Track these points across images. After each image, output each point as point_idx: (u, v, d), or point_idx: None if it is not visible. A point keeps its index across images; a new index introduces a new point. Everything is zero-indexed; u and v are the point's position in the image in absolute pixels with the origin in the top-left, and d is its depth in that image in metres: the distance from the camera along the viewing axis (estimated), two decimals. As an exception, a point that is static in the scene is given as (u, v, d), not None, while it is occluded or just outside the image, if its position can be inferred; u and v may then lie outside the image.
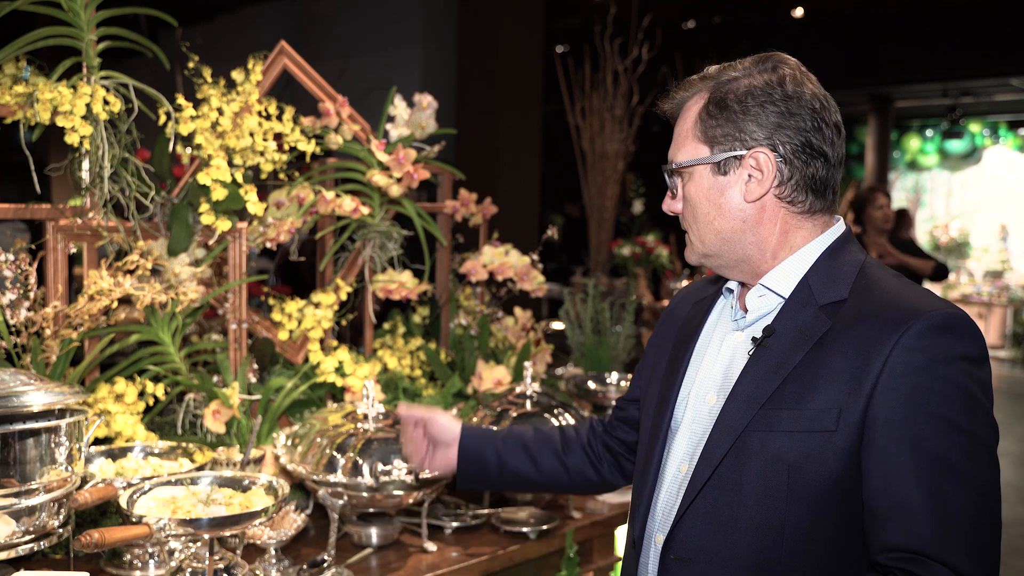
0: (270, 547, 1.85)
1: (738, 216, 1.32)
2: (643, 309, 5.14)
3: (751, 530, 1.24)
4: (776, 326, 1.29)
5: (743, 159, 1.30)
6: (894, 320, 1.19)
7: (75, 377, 1.98)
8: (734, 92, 1.31)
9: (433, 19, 8.32)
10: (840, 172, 1.35)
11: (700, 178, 1.35)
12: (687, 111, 1.37)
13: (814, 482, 1.20)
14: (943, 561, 1.11)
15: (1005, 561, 4.71)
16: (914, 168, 14.80)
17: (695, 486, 1.30)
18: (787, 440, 1.22)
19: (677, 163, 1.37)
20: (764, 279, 1.34)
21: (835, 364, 1.21)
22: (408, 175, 2.47)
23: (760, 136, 1.29)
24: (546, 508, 2.29)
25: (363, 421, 2.02)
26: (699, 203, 1.35)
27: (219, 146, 2.19)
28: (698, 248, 1.39)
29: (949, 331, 1.17)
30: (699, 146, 1.34)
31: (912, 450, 1.15)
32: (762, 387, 1.26)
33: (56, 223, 2.08)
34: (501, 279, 2.79)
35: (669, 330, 1.54)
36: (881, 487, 1.17)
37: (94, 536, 1.43)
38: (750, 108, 1.29)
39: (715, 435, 1.29)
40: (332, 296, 2.42)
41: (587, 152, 6.35)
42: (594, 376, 2.98)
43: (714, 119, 1.32)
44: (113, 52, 2.20)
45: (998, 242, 13.83)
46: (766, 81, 1.29)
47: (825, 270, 1.30)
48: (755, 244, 1.33)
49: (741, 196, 1.31)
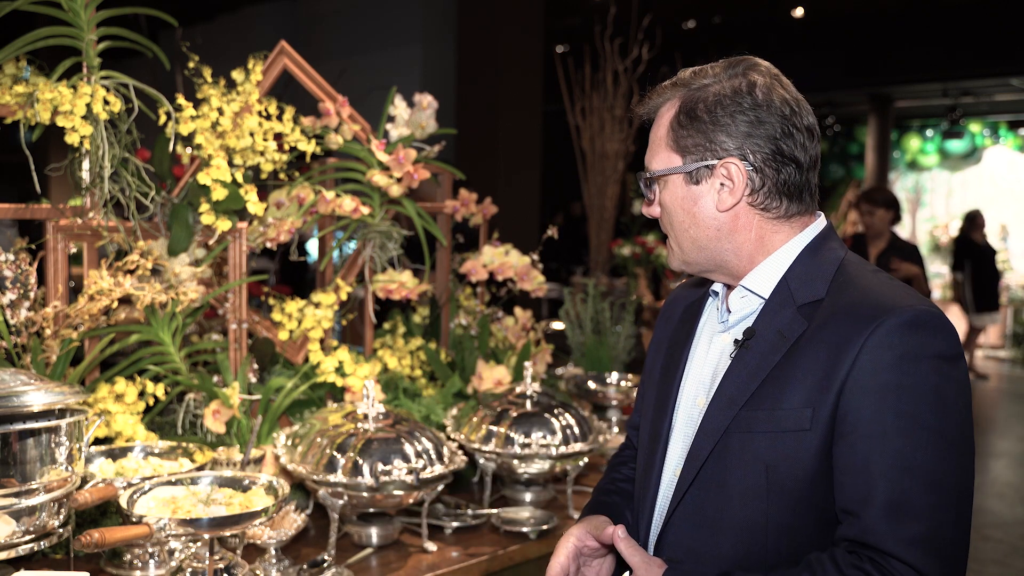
0: (270, 547, 1.85)
1: (712, 224, 1.33)
2: (643, 309, 5.14)
3: (735, 530, 1.26)
4: (756, 328, 1.30)
5: (714, 169, 1.30)
6: (865, 317, 1.19)
7: (75, 377, 1.98)
8: (703, 101, 1.30)
9: (433, 19, 8.32)
10: (815, 173, 1.34)
11: (674, 187, 1.35)
12: (660, 118, 1.37)
13: (792, 480, 1.21)
14: (900, 557, 1.12)
15: (1005, 561, 4.71)
16: (914, 168, 14.80)
17: (681, 488, 1.32)
18: (765, 440, 1.23)
19: (651, 171, 1.38)
20: (744, 280, 1.35)
21: (808, 364, 1.22)
22: (408, 175, 2.47)
23: (730, 146, 1.29)
24: (546, 508, 2.29)
25: (363, 421, 2.02)
26: (674, 211, 1.36)
27: (219, 146, 2.20)
28: (677, 255, 1.40)
29: (920, 328, 1.17)
30: (672, 155, 1.34)
31: (878, 448, 1.15)
32: (742, 389, 1.27)
33: (56, 223, 2.08)
34: (501, 279, 2.79)
35: (663, 333, 1.55)
36: (847, 482, 1.17)
37: (94, 536, 1.43)
38: (719, 118, 1.29)
39: (699, 437, 1.31)
40: (332, 296, 2.42)
41: (587, 152, 6.35)
42: (594, 376, 2.98)
43: (685, 129, 1.32)
44: (113, 52, 2.20)
45: (998, 242, 13.82)
46: (735, 88, 1.29)
47: (804, 269, 1.30)
48: (732, 251, 1.34)
49: (714, 205, 1.31)
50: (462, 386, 2.61)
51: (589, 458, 2.31)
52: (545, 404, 2.27)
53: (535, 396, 2.29)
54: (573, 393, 2.90)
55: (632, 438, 1.69)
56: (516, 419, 2.22)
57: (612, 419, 2.85)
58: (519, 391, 2.32)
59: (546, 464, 2.20)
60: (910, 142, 14.64)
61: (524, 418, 2.22)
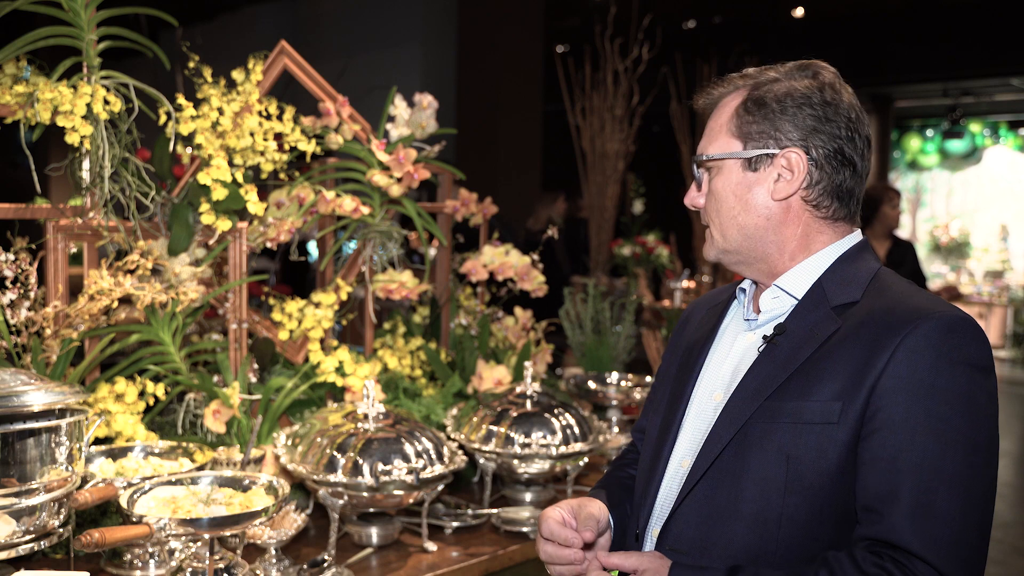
0: (270, 547, 1.85)
1: (763, 213, 1.33)
2: (643, 309, 5.14)
3: (747, 521, 1.25)
4: (788, 325, 1.31)
5: (775, 158, 1.32)
6: (902, 320, 1.20)
7: (75, 377, 1.98)
8: (774, 92, 1.32)
9: (433, 19, 8.32)
10: (864, 185, 1.37)
11: (729, 172, 1.35)
12: (723, 107, 1.38)
13: (814, 474, 1.21)
14: (925, 559, 1.12)
15: (1005, 561, 4.71)
16: (914, 168, 14.79)
17: (693, 477, 1.31)
18: (789, 431, 1.23)
19: (708, 155, 1.37)
20: (779, 280, 1.35)
21: (841, 359, 1.22)
22: (408, 175, 2.47)
23: (795, 137, 1.31)
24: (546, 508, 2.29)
25: (363, 421, 2.02)
26: (725, 197, 1.36)
27: (219, 146, 2.19)
28: (719, 243, 1.39)
29: (957, 333, 1.18)
30: (732, 141, 1.35)
31: (907, 446, 1.15)
32: (768, 381, 1.27)
33: (56, 223, 2.08)
34: (501, 279, 2.79)
35: (682, 336, 1.56)
36: (873, 481, 1.17)
37: (94, 536, 1.43)
38: (788, 109, 1.31)
39: (718, 427, 1.30)
40: (332, 296, 2.42)
41: (587, 152, 6.35)
42: (594, 376, 2.98)
43: (751, 115, 1.33)
44: (113, 52, 2.20)
45: (998, 242, 13.82)
46: (806, 86, 1.31)
47: (840, 274, 1.32)
48: (775, 243, 1.34)
49: (768, 194, 1.33)
50: (462, 386, 2.60)
51: (589, 458, 2.31)
52: (545, 404, 2.27)
53: (535, 396, 2.29)
54: (573, 393, 2.90)
55: (637, 442, 1.68)
56: (516, 419, 2.22)
57: (612, 419, 2.84)
58: (519, 391, 2.32)
59: (546, 464, 2.20)
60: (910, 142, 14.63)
61: (524, 418, 2.22)
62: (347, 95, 2.55)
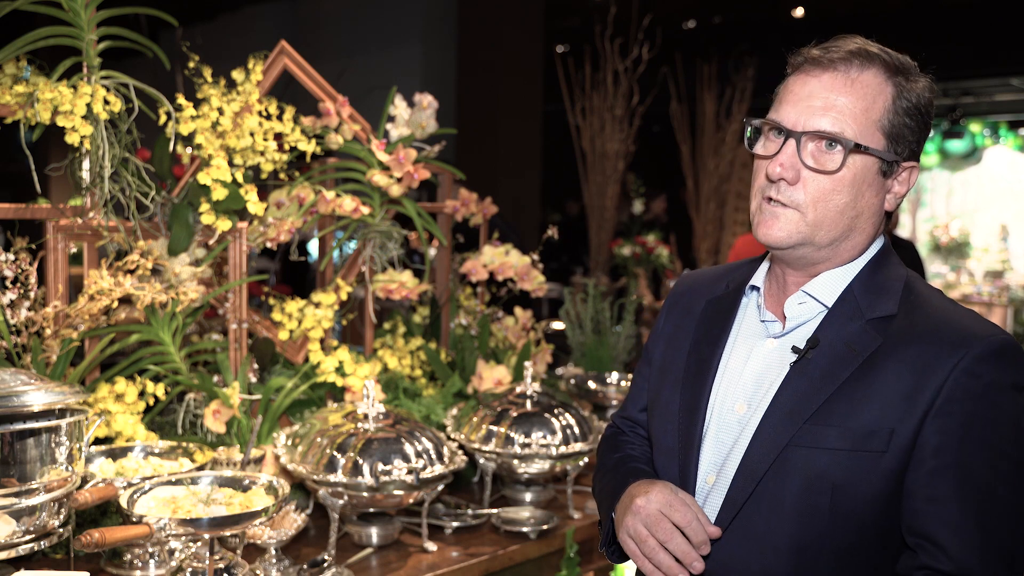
0: (270, 547, 1.85)
1: (863, 216, 1.26)
2: (643, 309, 5.14)
3: (789, 550, 1.21)
4: (820, 337, 1.25)
5: (900, 167, 1.27)
6: (951, 343, 1.17)
7: (75, 377, 1.98)
8: (921, 98, 1.25)
9: (433, 19, 8.31)
10: None
11: (864, 166, 1.24)
12: (865, 86, 1.23)
13: (859, 502, 1.18)
14: None
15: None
16: (914, 168, 14.77)
17: (734, 503, 1.25)
18: (832, 458, 1.19)
19: (861, 143, 1.22)
20: (807, 286, 1.29)
21: (888, 383, 1.18)
22: (408, 175, 2.47)
23: (917, 149, 1.27)
24: (546, 508, 2.29)
25: (363, 421, 2.02)
26: (842, 187, 1.23)
27: (219, 146, 2.19)
28: (796, 226, 1.24)
29: (1006, 359, 1.17)
30: (878, 135, 1.24)
31: (962, 477, 1.14)
32: (805, 401, 1.22)
33: (56, 223, 2.08)
34: (501, 279, 2.79)
35: (676, 323, 1.46)
36: (925, 509, 1.16)
37: (94, 536, 1.43)
38: (927, 121, 1.27)
39: (754, 449, 1.25)
40: (332, 296, 2.42)
41: (587, 152, 6.35)
42: (594, 376, 2.98)
43: (912, 119, 1.25)
44: (113, 52, 2.20)
45: (998, 242, 13.81)
46: (931, 95, 1.25)
47: (870, 282, 1.28)
48: (845, 240, 1.27)
49: (877, 198, 1.27)
50: (462, 386, 2.60)
51: (589, 458, 2.31)
52: (545, 404, 2.27)
53: (535, 396, 2.29)
54: (573, 393, 2.90)
55: (626, 428, 1.58)
56: (516, 419, 2.22)
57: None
58: (519, 391, 2.32)
59: (546, 464, 2.20)
60: (910, 142, 14.61)
61: (524, 418, 2.22)
62: (347, 95, 2.55)
